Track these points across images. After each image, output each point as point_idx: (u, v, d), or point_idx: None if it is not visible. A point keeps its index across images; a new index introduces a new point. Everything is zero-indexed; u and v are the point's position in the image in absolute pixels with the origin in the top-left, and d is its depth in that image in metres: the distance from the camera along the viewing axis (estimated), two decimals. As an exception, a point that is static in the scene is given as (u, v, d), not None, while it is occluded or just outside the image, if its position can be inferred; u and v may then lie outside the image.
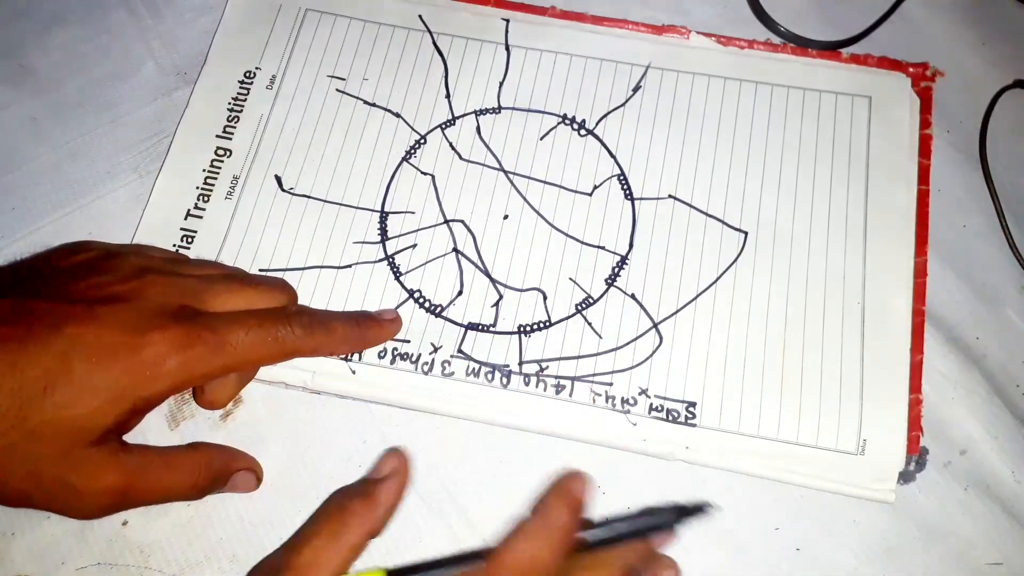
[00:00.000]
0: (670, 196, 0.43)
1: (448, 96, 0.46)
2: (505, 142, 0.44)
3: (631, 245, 0.42)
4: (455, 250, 0.42)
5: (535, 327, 0.40)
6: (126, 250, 0.38)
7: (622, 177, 0.44)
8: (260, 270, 0.41)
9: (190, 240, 0.42)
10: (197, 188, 0.43)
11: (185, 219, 0.42)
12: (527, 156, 0.44)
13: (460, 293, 0.41)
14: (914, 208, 0.43)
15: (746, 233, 0.42)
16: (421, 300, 0.41)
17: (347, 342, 0.38)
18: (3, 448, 0.31)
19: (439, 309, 0.41)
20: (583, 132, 0.45)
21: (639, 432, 0.39)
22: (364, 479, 0.34)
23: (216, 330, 0.33)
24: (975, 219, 0.44)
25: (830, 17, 0.48)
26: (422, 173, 0.44)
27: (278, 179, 0.44)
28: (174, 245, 0.42)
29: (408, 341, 0.40)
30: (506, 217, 0.43)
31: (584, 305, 0.41)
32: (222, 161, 0.44)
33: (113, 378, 0.31)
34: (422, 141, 0.45)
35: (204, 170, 0.44)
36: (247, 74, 0.46)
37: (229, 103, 0.45)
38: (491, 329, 0.40)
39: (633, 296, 0.41)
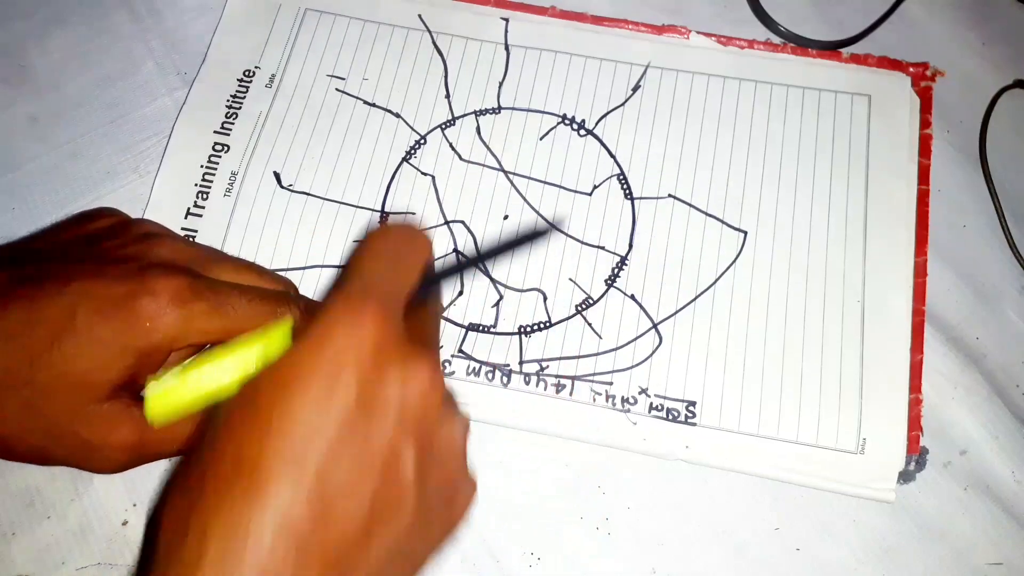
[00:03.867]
0: (670, 196, 0.43)
1: (448, 96, 0.46)
2: (505, 142, 0.44)
3: (631, 245, 0.42)
4: (455, 250, 0.42)
5: (535, 327, 0.40)
6: (141, 220, 0.39)
7: (622, 177, 0.44)
8: (260, 270, 0.41)
9: (191, 239, 0.42)
10: (196, 186, 0.43)
11: (186, 218, 0.42)
12: (527, 156, 0.44)
13: (460, 293, 0.41)
14: (914, 208, 0.43)
15: (746, 233, 0.42)
16: (421, 300, 0.41)
17: None
18: (18, 405, 0.32)
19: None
20: (583, 132, 0.45)
21: (639, 431, 0.39)
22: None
23: (218, 292, 0.34)
24: (975, 219, 0.44)
25: (830, 17, 0.48)
26: (422, 174, 0.44)
27: (277, 176, 0.44)
28: (174, 245, 0.42)
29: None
30: (506, 217, 0.43)
31: (584, 306, 0.41)
32: (220, 156, 0.44)
33: (115, 330, 0.32)
34: (422, 141, 0.45)
35: (202, 166, 0.43)
36: (246, 73, 0.46)
37: (227, 100, 0.45)
38: (492, 330, 0.40)
39: (632, 297, 0.41)
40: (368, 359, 0.24)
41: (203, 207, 0.43)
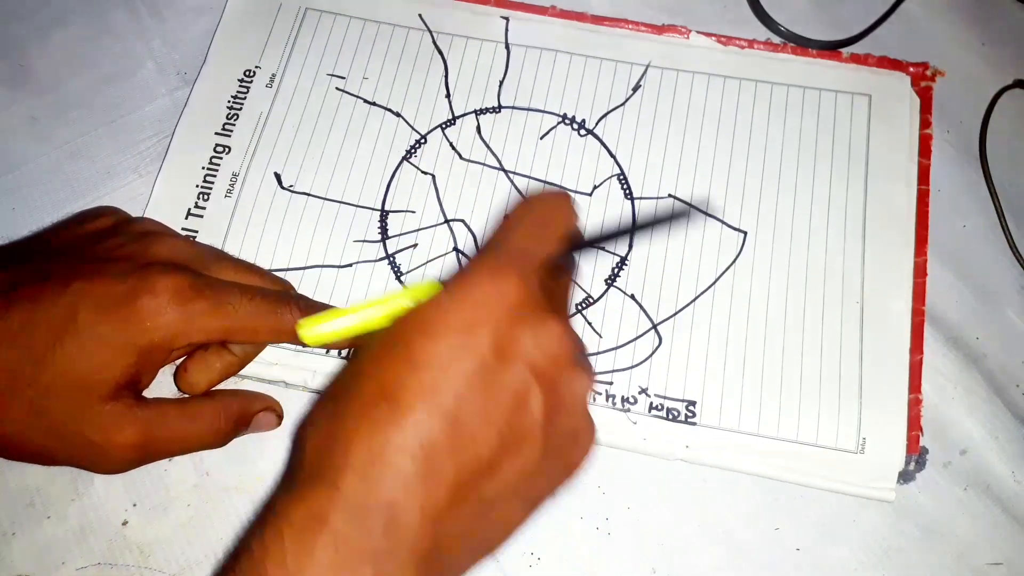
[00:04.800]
0: (670, 195, 0.43)
1: (448, 95, 0.46)
2: (505, 142, 0.44)
3: (631, 245, 0.42)
4: (456, 250, 0.42)
5: (535, 327, 0.40)
6: (142, 218, 0.40)
7: (622, 177, 0.44)
8: (260, 270, 0.41)
9: (192, 239, 0.42)
10: (197, 186, 0.43)
11: (186, 218, 0.42)
12: (527, 156, 0.44)
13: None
14: (914, 208, 0.43)
15: (746, 233, 0.42)
16: (421, 300, 0.41)
17: None
18: (22, 406, 0.32)
19: (439, 309, 0.41)
20: (583, 132, 0.45)
21: (639, 431, 0.39)
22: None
23: (218, 290, 0.34)
24: (975, 219, 0.44)
25: (830, 17, 0.48)
26: (422, 173, 0.44)
27: (277, 176, 0.44)
28: (174, 245, 0.42)
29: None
30: (507, 217, 0.43)
31: (584, 305, 0.41)
32: (221, 158, 0.44)
33: (115, 328, 0.32)
34: (422, 141, 0.45)
35: (203, 167, 0.43)
36: (247, 72, 0.46)
37: (228, 101, 0.45)
38: (491, 329, 0.40)
39: (632, 297, 0.41)
40: (505, 315, 0.26)
41: (204, 207, 0.43)
